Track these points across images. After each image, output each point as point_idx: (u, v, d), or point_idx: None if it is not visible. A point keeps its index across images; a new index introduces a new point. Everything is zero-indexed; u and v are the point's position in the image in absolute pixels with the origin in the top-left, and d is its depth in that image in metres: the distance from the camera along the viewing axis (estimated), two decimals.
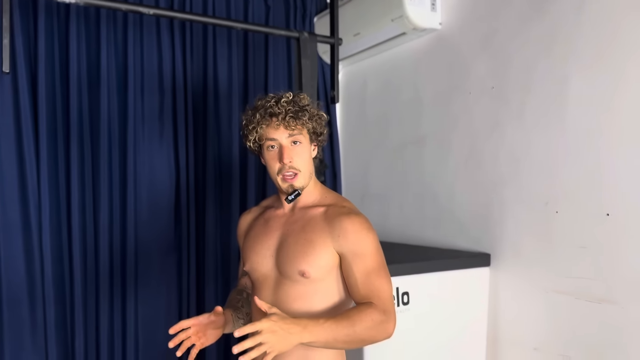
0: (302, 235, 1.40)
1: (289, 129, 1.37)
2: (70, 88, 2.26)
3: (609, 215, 1.68)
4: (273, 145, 1.40)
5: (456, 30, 2.29)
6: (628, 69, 1.64)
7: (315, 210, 1.44)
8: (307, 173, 1.42)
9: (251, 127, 1.41)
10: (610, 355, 1.68)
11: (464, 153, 2.24)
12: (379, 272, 1.35)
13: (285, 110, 1.37)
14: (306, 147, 1.43)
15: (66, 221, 2.28)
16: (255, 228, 1.53)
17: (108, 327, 2.35)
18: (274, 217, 1.50)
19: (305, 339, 1.20)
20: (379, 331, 1.29)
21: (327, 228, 1.37)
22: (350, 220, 1.36)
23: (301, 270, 1.35)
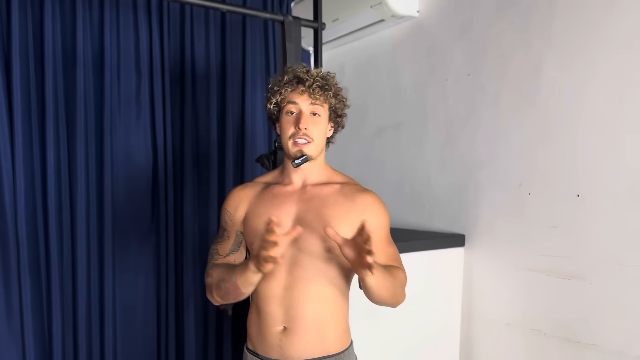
0: (324, 211, 1.38)
1: (312, 98, 1.37)
2: (45, 68, 2.20)
3: (579, 197, 1.78)
4: (292, 111, 1.39)
5: (434, 19, 2.35)
6: (599, 59, 1.73)
7: (330, 187, 1.43)
8: (318, 145, 1.40)
9: (276, 88, 1.40)
10: (578, 328, 1.79)
11: (440, 138, 2.31)
12: (391, 241, 1.45)
13: (314, 79, 1.37)
14: (324, 121, 1.41)
15: (42, 203, 2.24)
16: (263, 204, 1.44)
17: (86, 311, 2.33)
18: (283, 194, 1.44)
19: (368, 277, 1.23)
20: (403, 293, 1.40)
21: (349, 204, 1.39)
22: (371, 196, 1.42)
23: (328, 245, 1.34)
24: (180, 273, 2.60)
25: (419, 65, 2.41)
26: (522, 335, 1.97)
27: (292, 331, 1.37)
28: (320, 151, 1.42)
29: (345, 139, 2.78)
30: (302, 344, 1.37)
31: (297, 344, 1.37)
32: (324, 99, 1.39)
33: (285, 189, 1.45)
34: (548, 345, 1.88)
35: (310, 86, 1.36)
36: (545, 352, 1.89)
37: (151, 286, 2.51)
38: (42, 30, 2.20)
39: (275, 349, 1.39)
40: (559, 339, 1.84)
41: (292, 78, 1.38)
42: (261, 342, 1.42)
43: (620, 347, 1.67)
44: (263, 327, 1.41)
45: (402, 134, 2.49)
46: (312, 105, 1.37)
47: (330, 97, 1.40)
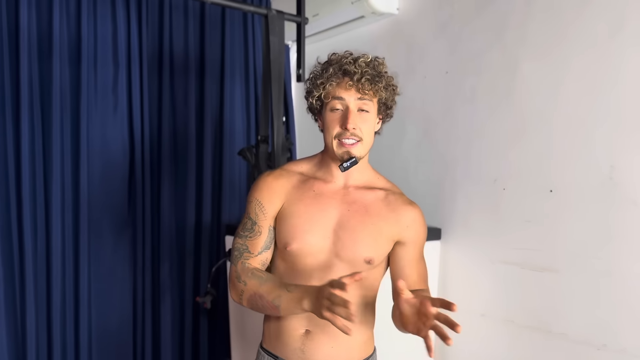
0: (368, 219, 1.28)
1: (361, 93, 1.23)
2: (21, 58, 2.16)
3: (552, 192, 1.84)
4: (338, 108, 1.25)
5: (413, 16, 2.39)
6: (571, 57, 1.80)
7: (374, 192, 1.33)
8: (367, 144, 1.28)
9: (319, 81, 1.25)
10: (549, 319, 1.86)
11: (418, 134, 2.35)
12: (423, 257, 1.39)
13: (362, 71, 1.22)
14: (373, 117, 1.28)
15: (15, 195, 2.19)
16: (305, 202, 1.31)
17: (60, 304, 2.30)
18: (326, 192, 1.32)
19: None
20: None
21: (393, 216, 1.31)
22: (416, 212, 1.35)
23: (367, 257, 1.27)
24: (156, 266, 2.58)
25: (397, 62, 2.45)
26: (495, 325, 2.03)
27: (316, 335, 1.29)
28: (368, 149, 1.31)
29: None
30: (326, 349, 1.29)
31: (322, 349, 1.28)
32: (374, 93, 1.25)
33: (327, 187, 1.33)
34: (520, 335, 1.94)
35: (359, 79, 1.22)
36: (518, 341, 1.95)
37: (127, 279, 2.49)
38: (17, 19, 2.16)
39: (296, 353, 1.30)
40: (531, 329, 1.91)
41: (338, 70, 1.24)
42: (280, 344, 1.33)
43: (588, 336, 1.75)
44: (284, 328, 1.32)
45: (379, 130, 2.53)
46: (360, 100, 1.24)
47: (381, 90, 1.25)
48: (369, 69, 1.23)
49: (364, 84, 1.21)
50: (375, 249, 1.28)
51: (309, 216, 1.29)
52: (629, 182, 1.65)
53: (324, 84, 1.24)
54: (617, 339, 1.68)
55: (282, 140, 2.06)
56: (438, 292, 2.24)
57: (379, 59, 1.28)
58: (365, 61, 1.24)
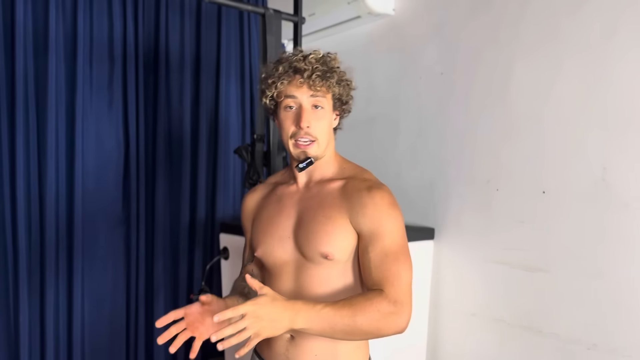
0: (320, 211, 1.23)
1: (313, 90, 1.20)
2: (16, 53, 2.15)
3: (544, 193, 1.86)
4: (292, 106, 1.22)
5: (408, 17, 2.40)
6: (565, 59, 1.82)
7: (333, 184, 1.27)
8: (324, 142, 1.25)
9: (270, 81, 1.23)
10: (540, 318, 1.88)
11: (412, 134, 2.37)
12: (398, 255, 1.18)
13: (313, 67, 1.19)
14: (328, 113, 1.25)
15: (9, 192, 2.19)
16: (267, 208, 1.33)
17: (54, 302, 2.29)
18: (287, 195, 1.32)
19: (297, 325, 1.06)
20: (387, 324, 1.12)
21: (345, 203, 1.22)
22: (371, 195, 1.20)
23: (323, 252, 1.20)
24: (150, 264, 2.59)
25: (393, 62, 2.46)
26: (486, 324, 2.05)
27: (300, 341, 1.23)
28: (326, 148, 1.27)
29: None
30: (310, 356, 1.23)
31: (305, 356, 1.23)
32: (327, 89, 1.22)
33: (288, 189, 1.33)
34: (511, 335, 1.97)
35: (309, 76, 1.19)
36: (509, 340, 1.98)
37: (121, 276, 2.49)
38: (13, 14, 2.15)
39: (281, 358, 1.26)
40: (521, 329, 1.93)
41: (288, 68, 1.21)
42: (268, 348, 1.30)
43: (578, 336, 1.77)
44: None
45: (374, 130, 2.54)
46: (313, 97, 1.22)
47: (333, 86, 1.23)
48: (320, 64, 1.21)
49: (315, 80, 1.19)
50: (330, 243, 1.20)
51: (271, 221, 1.30)
52: (621, 184, 1.67)
53: (275, 83, 1.22)
54: (607, 338, 1.70)
55: (278, 139, 2.07)
56: (431, 290, 2.26)
57: (330, 55, 1.25)
58: (316, 57, 1.22)
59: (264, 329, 1.02)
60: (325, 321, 1.07)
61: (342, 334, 1.10)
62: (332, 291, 1.23)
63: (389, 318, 1.11)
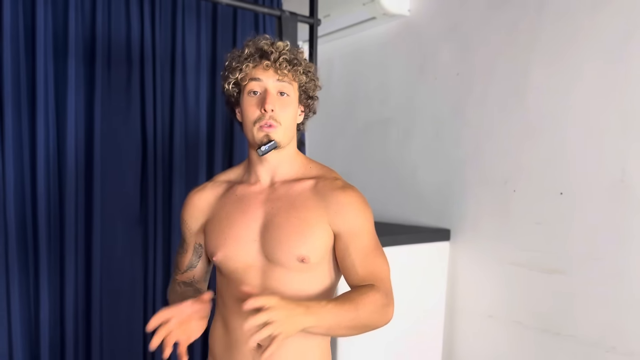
0: (294, 213, 1.18)
1: (279, 74, 1.17)
2: (37, 56, 2.18)
3: (562, 194, 1.85)
4: (256, 91, 1.18)
5: (424, 18, 2.40)
6: (583, 61, 1.81)
7: (302, 183, 1.22)
8: (288, 130, 1.21)
9: (235, 64, 1.19)
10: (558, 320, 1.87)
11: (428, 135, 2.37)
12: (376, 251, 1.21)
13: (280, 52, 1.17)
14: (294, 102, 1.21)
15: (30, 191, 2.22)
16: (226, 208, 1.26)
17: (73, 300, 2.32)
18: (249, 194, 1.25)
19: (309, 322, 1.02)
20: (381, 315, 1.15)
21: (322, 203, 1.19)
22: (347, 195, 1.19)
23: (299, 255, 1.16)
24: (167, 263, 2.61)
25: (408, 63, 2.46)
26: (503, 327, 2.05)
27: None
28: (291, 138, 1.23)
29: (332, 133, 2.83)
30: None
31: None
32: (293, 76, 1.19)
33: (250, 189, 1.26)
34: (528, 337, 1.96)
35: (276, 60, 1.16)
36: (526, 343, 1.97)
37: (139, 276, 2.52)
38: (33, 17, 2.18)
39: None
40: (539, 331, 1.92)
41: (255, 51, 1.17)
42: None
43: (597, 338, 1.76)
44: (232, 344, 1.23)
45: (389, 130, 2.55)
46: (279, 82, 1.17)
47: (300, 74, 1.20)
48: (287, 52, 1.18)
49: (282, 63, 1.16)
50: (306, 246, 1.16)
51: (231, 222, 1.23)
52: None
53: (239, 67, 1.18)
54: (626, 341, 1.69)
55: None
56: (447, 292, 2.26)
57: (297, 48, 1.24)
58: (283, 45, 1.20)
59: (286, 324, 0.98)
60: (332, 317, 1.06)
61: (346, 329, 1.10)
62: (304, 295, 1.19)
63: (384, 310, 1.15)
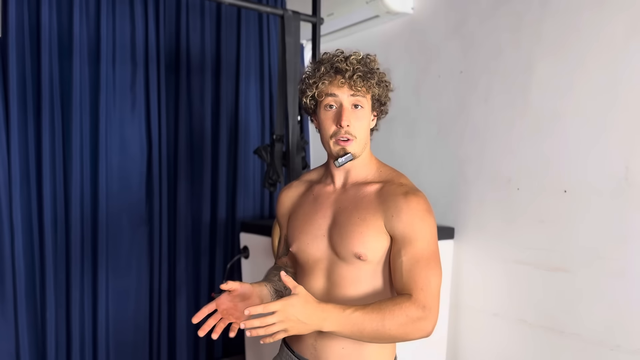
0: (355, 213, 1.26)
1: (354, 89, 1.24)
2: (42, 57, 2.21)
3: (566, 192, 1.84)
4: (332, 105, 1.25)
5: (427, 16, 2.39)
6: (587, 58, 1.80)
7: (369, 186, 1.30)
8: (362, 141, 1.28)
9: (312, 81, 1.26)
10: (562, 318, 1.86)
11: (431, 133, 2.36)
12: (429, 262, 1.21)
13: (354, 68, 1.23)
14: (367, 113, 1.28)
15: (36, 192, 2.25)
16: (304, 206, 1.38)
17: (79, 299, 2.35)
18: (323, 194, 1.35)
19: (325, 328, 1.10)
20: (414, 329, 1.14)
21: (381, 207, 1.24)
22: (406, 200, 1.22)
23: (356, 252, 1.23)
24: (172, 262, 2.63)
25: (412, 61, 2.46)
26: (508, 325, 2.04)
27: (328, 334, 1.22)
28: (364, 146, 1.30)
29: None
30: (337, 348, 1.26)
31: (332, 349, 1.26)
32: (367, 89, 1.26)
33: (325, 189, 1.36)
34: (533, 335, 1.95)
35: (350, 77, 1.23)
36: (530, 341, 1.96)
37: (144, 275, 2.54)
38: (38, 18, 2.21)
39: (309, 349, 1.30)
40: (543, 329, 1.91)
41: (330, 68, 1.25)
42: (297, 339, 1.33)
43: (601, 337, 1.75)
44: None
45: (393, 129, 2.54)
46: (353, 97, 1.25)
47: (373, 86, 1.26)
48: (361, 65, 1.24)
49: (356, 80, 1.23)
50: (363, 244, 1.23)
51: (307, 218, 1.34)
52: None
53: (316, 83, 1.25)
54: (630, 339, 1.68)
55: (297, 140, 2.08)
56: (451, 290, 2.25)
57: (370, 56, 1.29)
58: (357, 58, 1.25)
59: (292, 328, 1.06)
60: (354, 325, 1.10)
61: (370, 337, 1.13)
62: (363, 290, 1.26)
63: (417, 323, 1.14)
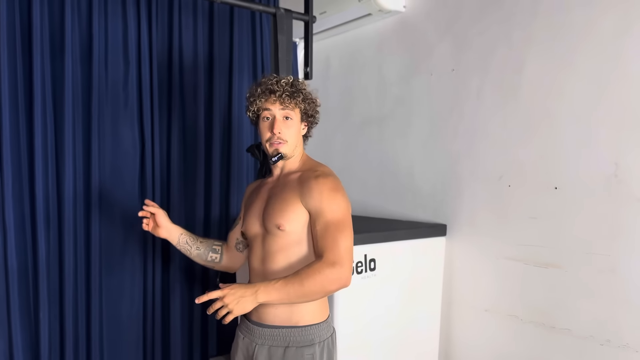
0: (280, 195, 1.62)
1: (283, 105, 1.60)
2: (34, 56, 2.19)
3: (557, 189, 1.86)
4: (268, 117, 1.63)
5: (419, 14, 2.40)
6: (578, 56, 1.82)
7: (294, 175, 1.66)
8: (292, 144, 1.65)
9: (252, 99, 1.65)
10: (553, 314, 1.88)
11: (424, 131, 2.38)
12: (338, 226, 1.52)
13: (283, 89, 1.60)
14: (296, 123, 1.65)
15: (29, 191, 2.23)
16: (252, 196, 1.80)
17: (73, 297, 2.34)
18: (265, 185, 1.76)
19: (260, 300, 1.44)
20: (331, 282, 1.46)
21: (298, 188, 1.59)
22: (317, 181, 1.57)
23: (277, 223, 1.58)
24: (166, 260, 2.62)
25: (404, 59, 2.47)
26: (499, 320, 2.06)
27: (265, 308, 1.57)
28: (295, 148, 1.67)
29: (330, 130, 2.83)
30: (271, 310, 1.58)
31: (268, 310, 1.58)
32: (295, 105, 1.62)
33: (267, 181, 1.77)
34: (524, 330, 1.97)
35: (280, 95, 1.59)
36: (522, 336, 1.98)
37: (138, 272, 2.53)
38: (29, 17, 2.19)
39: (253, 312, 1.61)
40: (534, 324, 1.94)
41: (265, 90, 1.61)
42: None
43: (591, 332, 1.77)
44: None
45: (386, 127, 2.55)
46: (283, 110, 1.61)
47: (300, 103, 1.62)
48: (289, 87, 1.61)
49: (284, 98, 1.59)
50: (282, 216, 1.57)
51: (251, 204, 1.75)
52: (633, 180, 1.66)
53: (255, 101, 1.64)
54: (620, 334, 1.70)
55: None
56: (443, 286, 2.27)
57: (298, 80, 1.66)
58: (287, 82, 1.62)
59: (236, 306, 1.44)
60: (280, 292, 1.44)
61: (296, 297, 1.46)
62: (290, 258, 1.59)
63: (331, 276, 1.44)
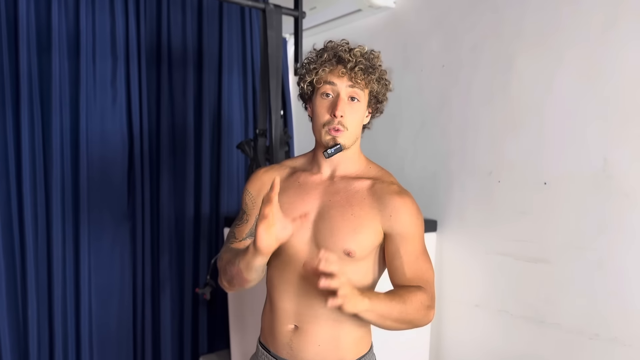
0: (349, 209, 1.25)
1: (353, 81, 1.22)
2: (20, 51, 2.17)
3: (546, 184, 1.87)
4: (329, 94, 1.24)
5: (409, 10, 2.40)
6: (566, 51, 1.82)
7: (360, 182, 1.29)
8: (354, 134, 1.27)
9: (312, 66, 1.25)
10: (542, 309, 1.89)
11: (414, 127, 2.38)
12: (424, 256, 1.27)
13: (356, 60, 1.22)
14: (362, 107, 1.27)
15: (16, 187, 2.21)
16: (288, 191, 1.31)
17: (61, 296, 2.32)
18: (310, 183, 1.32)
19: (364, 306, 1.09)
20: (424, 316, 1.20)
21: (377, 205, 1.25)
22: (403, 201, 1.26)
23: (347, 249, 1.22)
24: (156, 258, 2.61)
25: (394, 55, 2.47)
26: (490, 315, 2.07)
27: (303, 331, 1.25)
28: (355, 140, 1.29)
29: None
30: (314, 346, 1.25)
31: (308, 346, 1.26)
32: (366, 84, 1.24)
33: (312, 178, 1.33)
34: (514, 325, 1.98)
35: (352, 68, 1.21)
36: (512, 331, 1.99)
37: (127, 271, 2.52)
38: (16, 12, 2.16)
39: (285, 349, 1.28)
40: (524, 319, 1.95)
41: (332, 56, 1.23)
42: (272, 339, 1.32)
43: (580, 326, 1.78)
44: (275, 323, 1.30)
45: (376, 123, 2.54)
46: (352, 88, 1.23)
47: (373, 82, 1.25)
48: (364, 59, 1.23)
49: (356, 72, 1.21)
50: (355, 241, 1.23)
51: (290, 207, 1.27)
52: (622, 175, 1.67)
53: (316, 69, 1.24)
54: (608, 328, 1.71)
55: (280, 134, 2.08)
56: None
57: (374, 52, 1.27)
58: (361, 51, 1.24)
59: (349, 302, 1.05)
60: (384, 307, 1.13)
61: (393, 321, 1.16)
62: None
63: (427, 311, 1.20)
